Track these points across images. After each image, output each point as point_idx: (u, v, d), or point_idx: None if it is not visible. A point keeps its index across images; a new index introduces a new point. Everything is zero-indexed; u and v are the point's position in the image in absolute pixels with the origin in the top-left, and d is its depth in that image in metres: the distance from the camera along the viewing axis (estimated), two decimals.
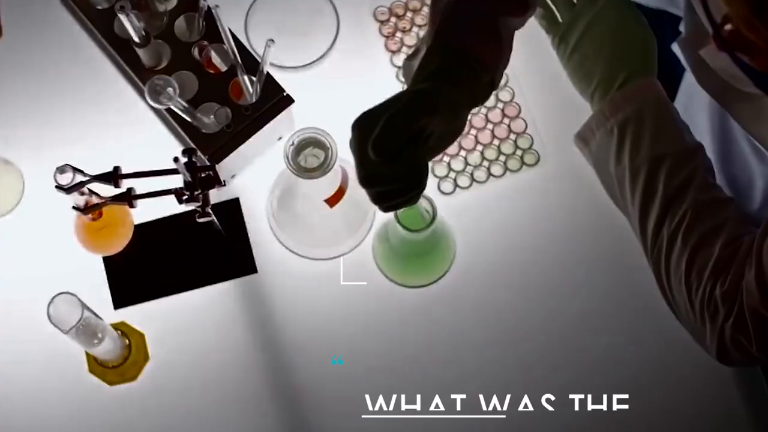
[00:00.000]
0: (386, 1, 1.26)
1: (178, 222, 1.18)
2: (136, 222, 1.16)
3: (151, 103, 1.01)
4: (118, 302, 1.16)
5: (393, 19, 1.25)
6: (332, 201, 1.06)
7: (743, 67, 0.83)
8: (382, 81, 1.24)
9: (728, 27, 0.77)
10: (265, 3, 1.26)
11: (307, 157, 1.01)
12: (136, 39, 1.09)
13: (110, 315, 1.15)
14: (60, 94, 1.23)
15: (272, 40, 1.03)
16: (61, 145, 1.21)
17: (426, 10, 1.25)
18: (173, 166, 0.97)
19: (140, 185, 1.01)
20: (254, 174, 1.20)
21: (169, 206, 1.12)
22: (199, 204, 1.01)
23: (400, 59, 1.23)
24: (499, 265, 1.17)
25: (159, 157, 1.18)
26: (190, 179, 0.99)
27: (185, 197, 1.00)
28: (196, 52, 1.14)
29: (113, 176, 1.01)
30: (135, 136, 1.22)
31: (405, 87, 1.22)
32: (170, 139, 1.22)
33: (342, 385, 1.13)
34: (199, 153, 1.08)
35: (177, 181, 1.00)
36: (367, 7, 1.26)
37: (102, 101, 1.23)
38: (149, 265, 1.18)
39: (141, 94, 1.22)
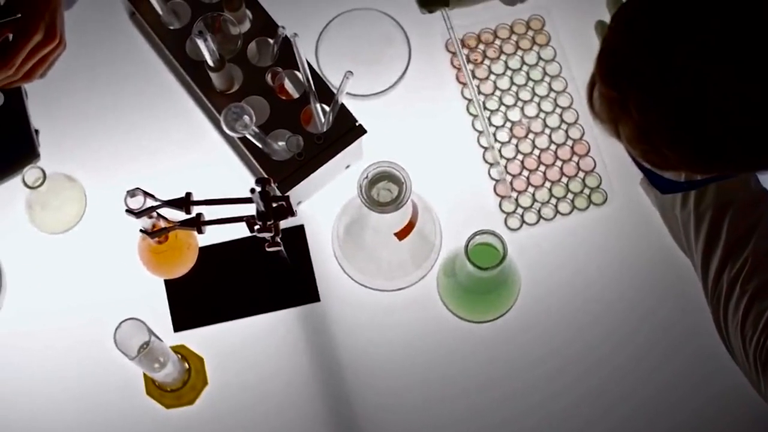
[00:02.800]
0: (458, 32, 1.24)
1: (242, 246, 1.17)
2: (200, 244, 1.15)
3: (227, 131, 1.00)
4: (178, 325, 1.15)
5: (465, 51, 1.24)
6: (402, 234, 1.05)
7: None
8: (451, 113, 1.23)
9: None
10: (336, 29, 1.25)
11: (380, 190, 1.00)
12: (211, 63, 1.08)
13: (169, 336, 1.15)
14: (125, 110, 1.23)
15: (351, 72, 1.02)
16: (123, 162, 1.21)
17: (498, 42, 1.25)
18: (242, 192, 0.96)
19: (208, 209, 1.00)
20: (320, 201, 1.19)
21: (233, 229, 1.11)
22: (270, 234, 1.00)
23: (470, 92, 1.22)
24: (564, 302, 1.16)
25: (223, 178, 1.19)
26: (263, 209, 0.98)
27: (257, 227, 0.99)
28: (268, 77, 1.12)
29: (185, 202, 1.00)
30: (200, 157, 1.21)
31: (474, 119, 1.21)
32: (235, 160, 1.21)
33: (402, 417, 1.12)
34: (272, 183, 1.07)
35: (246, 208, 0.99)
36: (439, 37, 1.25)
37: (167, 118, 1.23)
38: (211, 288, 1.17)
39: (209, 115, 1.21)
